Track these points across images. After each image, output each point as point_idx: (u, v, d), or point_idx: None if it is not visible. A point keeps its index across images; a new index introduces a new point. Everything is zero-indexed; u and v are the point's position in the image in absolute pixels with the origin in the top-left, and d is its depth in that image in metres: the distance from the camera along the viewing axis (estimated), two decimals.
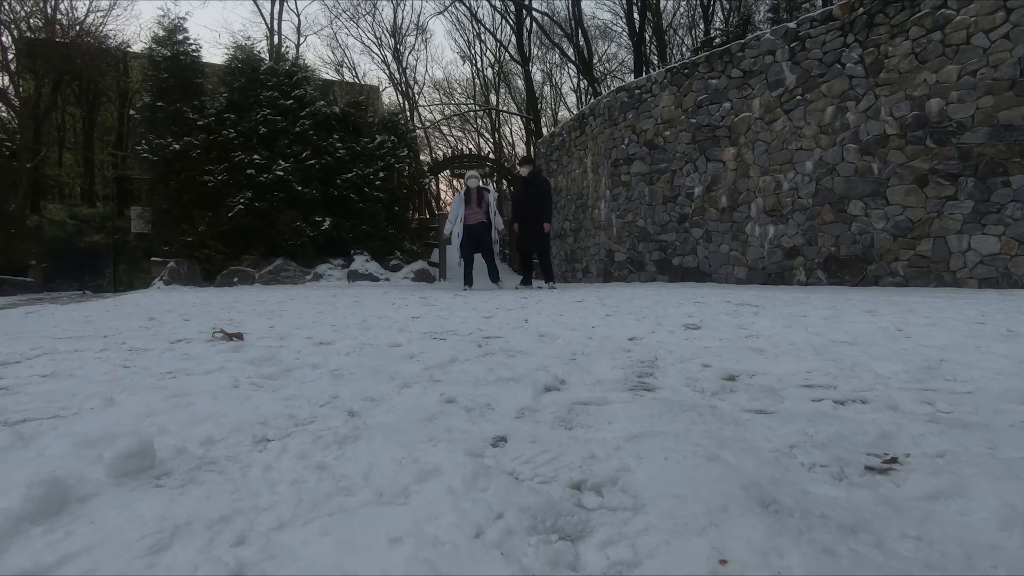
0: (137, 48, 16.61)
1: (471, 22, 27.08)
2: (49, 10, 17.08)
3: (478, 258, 7.89)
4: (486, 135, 31.62)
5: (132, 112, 14.17)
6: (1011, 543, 0.76)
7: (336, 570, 0.70)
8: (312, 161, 11.07)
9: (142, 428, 1.23)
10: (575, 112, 20.41)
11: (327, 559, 0.72)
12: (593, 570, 0.71)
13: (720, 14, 21.16)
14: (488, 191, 8.19)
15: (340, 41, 50.44)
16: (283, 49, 16.86)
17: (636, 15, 20.29)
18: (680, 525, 0.78)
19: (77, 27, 17.15)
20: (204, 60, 12.53)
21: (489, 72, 29.56)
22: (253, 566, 0.71)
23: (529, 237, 7.69)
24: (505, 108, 29.24)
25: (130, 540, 0.76)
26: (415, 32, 33.73)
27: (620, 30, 24.10)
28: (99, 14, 19.13)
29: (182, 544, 0.76)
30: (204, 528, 0.79)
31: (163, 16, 11.39)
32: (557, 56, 26.32)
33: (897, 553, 0.73)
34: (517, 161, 8.89)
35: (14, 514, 0.79)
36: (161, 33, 11.21)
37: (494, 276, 8.09)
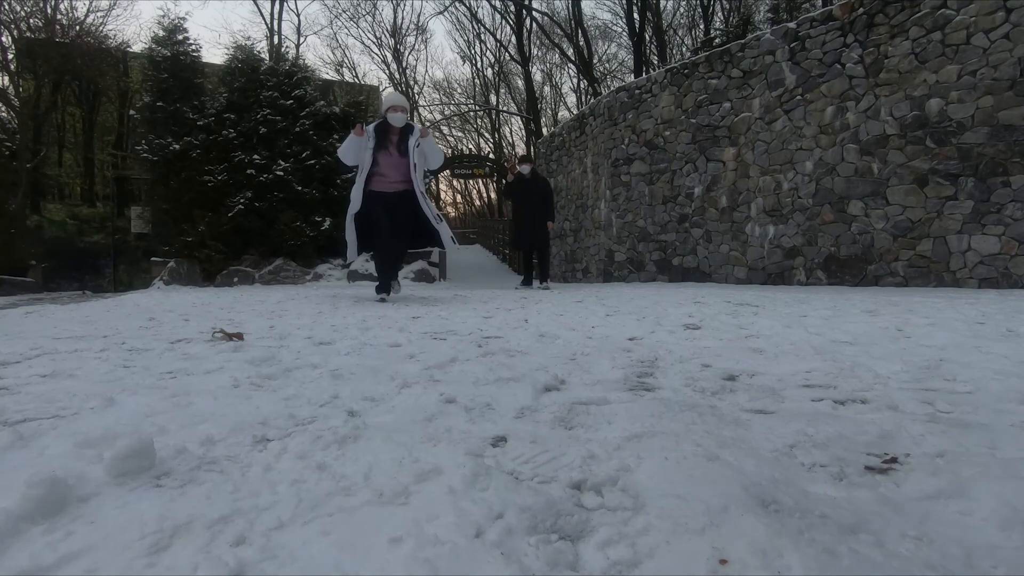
0: (137, 48, 16.66)
1: (471, 22, 27.18)
2: (49, 10, 17.09)
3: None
4: (486, 135, 31.70)
5: (132, 112, 14.18)
6: (1011, 543, 0.76)
7: (336, 570, 0.70)
8: (312, 161, 11.06)
9: (142, 428, 1.23)
10: (575, 112, 20.41)
11: (327, 559, 0.72)
12: (593, 570, 0.71)
13: (720, 14, 21.21)
14: (419, 128, 4.92)
15: (340, 41, 50.64)
16: (283, 49, 16.86)
17: (636, 15, 20.32)
18: (680, 525, 0.78)
19: (77, 27, 17.17)
20: (204, 60, 12.53)
21: (489, 72, 29.64)
22: (253, 566, 0.71)
23: (533, 236, 7.68)
24: (505, 108, 29.29)
25: (130, 540, 0.76)
26: (415, 32, 33.88)
27: (620, 30, 24.15)
28: (99, 14, 19.15)
29: (182, 544, 0.75)
30: (204, 528, 0.79)
31: (163, 16, 11.40)
32: (557, 56, 26.42)
33: (897, 553, 0.73)
34: (516, 160, 8.69)
35: (14, 514, 0.79)
36: (161, 33, 11.21)
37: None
